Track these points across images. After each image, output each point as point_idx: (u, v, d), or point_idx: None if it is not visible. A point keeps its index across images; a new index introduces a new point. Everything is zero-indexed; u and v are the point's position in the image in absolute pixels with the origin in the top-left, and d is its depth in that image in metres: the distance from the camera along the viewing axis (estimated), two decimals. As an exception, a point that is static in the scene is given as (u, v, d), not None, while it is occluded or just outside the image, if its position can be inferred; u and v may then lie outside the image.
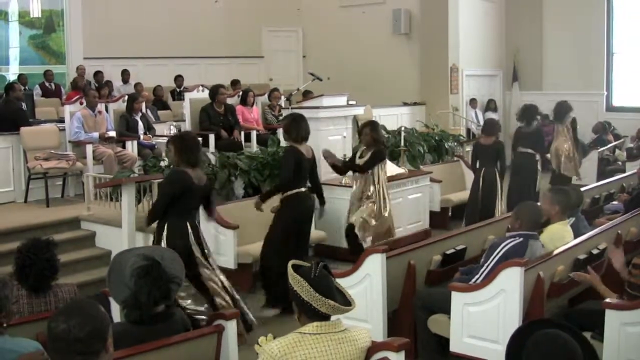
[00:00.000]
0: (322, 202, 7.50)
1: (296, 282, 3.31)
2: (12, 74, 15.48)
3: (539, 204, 6.12)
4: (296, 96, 12.06)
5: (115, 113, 10.92)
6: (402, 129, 10.79)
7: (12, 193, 9.96)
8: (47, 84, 14.76)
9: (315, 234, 8.44)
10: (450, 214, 10.75)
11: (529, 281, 5.03)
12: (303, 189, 7.09)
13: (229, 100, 11.97)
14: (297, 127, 7.10)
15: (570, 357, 2.90)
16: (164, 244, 5.78)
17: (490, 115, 16.57)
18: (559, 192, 6.27)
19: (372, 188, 8.03)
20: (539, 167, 10.11)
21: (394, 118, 15.02)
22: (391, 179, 9.32)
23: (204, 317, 5.45)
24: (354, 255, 7.51)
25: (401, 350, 3.64)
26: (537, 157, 10.10)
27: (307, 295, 3.28)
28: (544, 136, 10.78)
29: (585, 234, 6.12)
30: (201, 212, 6.38)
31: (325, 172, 9.04)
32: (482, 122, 15.64)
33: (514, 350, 3.12)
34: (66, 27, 15.78)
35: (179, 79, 15.77)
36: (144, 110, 11.31)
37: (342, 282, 4.03)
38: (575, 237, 5.97)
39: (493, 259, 5.29)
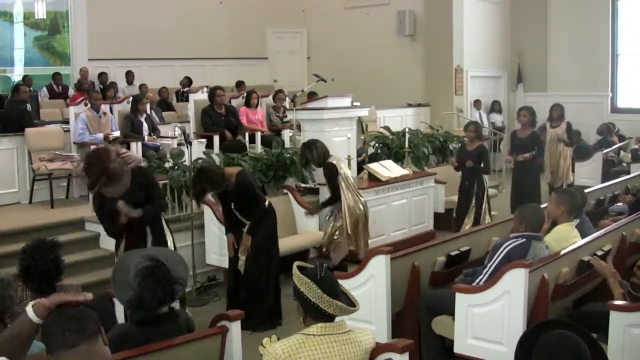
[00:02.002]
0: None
1: (303, 283, 3.31)
2: (16, 75, 15.51)
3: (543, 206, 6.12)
4: (300, 97, 12.06)
5: (120, 114, 10.93)
6: (407, 130, 10.79)
7: (17, 194, 9.97)
8: (55, 86, 14.80)
9: (317, 235, 8.43)
10: (454, 215, 10.73)
11: (533, 283, 5.02)
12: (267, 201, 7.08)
13: (234, 102, 12.02)
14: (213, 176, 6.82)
15: (579, 357, 2.90)
16: None
17: (495, 116, 16.59)
18: (564, 193, 6.28)
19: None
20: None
21: (398, 119, 15.04)
22: (395, 180, 9.34)
23: None
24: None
25: (405, 352, 3.64)
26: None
27: (314, 296, 3.28)
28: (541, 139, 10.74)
29: (590, 236, 6.11)
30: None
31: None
32: (486, 124, 15.70)
33: (523, 350, 3.11)
34: (71, 28, 15.82)
35: (185, 80, 15.80)
36: (148, 111, 11.32)
37: (346, 284, 4.04)
38: (581, 238, 5.96)
39: (495, 260, 5.29)
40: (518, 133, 10.39)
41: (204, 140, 10.63)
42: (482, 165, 9.34)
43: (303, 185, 9.53)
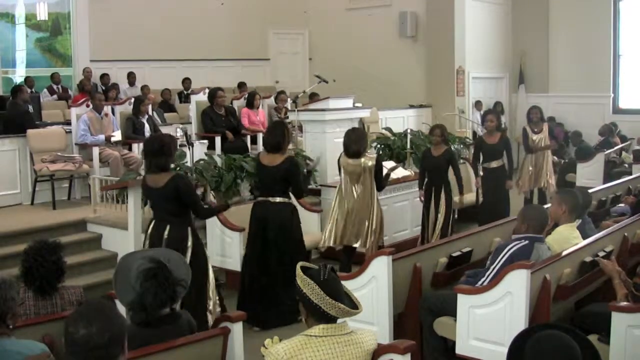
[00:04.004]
0: None
1: (306, 284, 3.31)
2: (18, 77, 15.51)
3: (547, 206, 6.11)
4: (302, 98, 12.05)
5: (122, 115, 10.94)
6: (408, 131, 10.78)
7: (19, 195, 9.98)
8: (54, 87, 14.79)
9: (320, 236, 8.43)
10: (456, 216, 10.70)
11: (535, 283, 5.02)
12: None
13: (236, 103, 12.03)
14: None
15: (568, 356, 2.91)
16: None
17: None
18: (567, 193, 6.28)
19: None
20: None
21: (399, 120, 15.04)
22: (397, 181, 9.32)
23: None
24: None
25: (407, 353, 3.64)
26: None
27: (316, 298, 3.28)
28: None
29: (592, 237, 6.10)
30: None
31: (330, 174, 9.08)
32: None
33: (515, 352, 3.12)
34: (73, 29, 15.83)
35: (186, 81, 15.79)
36: (150, 112, 11.34)
37: (348, 285, 4.03)
38: (582, 239, 5.95)
39: (499, 261, 5.27)
40: (485, 139, 9.90)
41: (205, 141, 10.63)
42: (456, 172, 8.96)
43: (305, 186, 9.53)
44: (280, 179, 6.95)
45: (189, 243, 6.09)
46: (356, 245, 7.80)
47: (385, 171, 8.01)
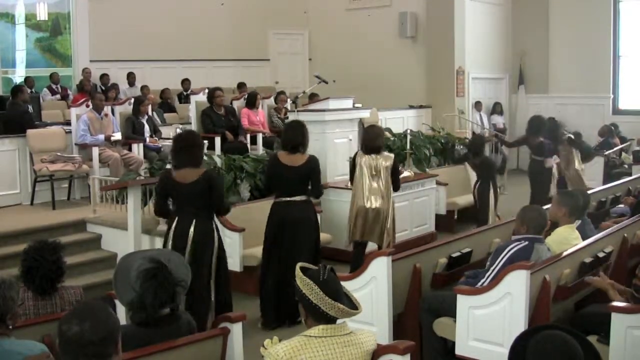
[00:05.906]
0: None
1: (305, 284, 3.31)
2: (18, 77, 15.51)
3: (545, 207, 6.11)
4: (302, 99, 12.04)
5: (122, 116, 10.94)
6: (408, 131, 10.79)
7: (19, 195, 9.99)
8: (53, 87, 14.79)
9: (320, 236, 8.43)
10: (456, 217, 10.73)
11: (535, 284, 5.01)
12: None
13: (236, 103, 12.01)
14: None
15: (569, 356, 2.91)
16: None
17: (497, 118, 16.57)
18: (566, 194, 6.28)
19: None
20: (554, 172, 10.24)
21: (399, 121, 15.04)
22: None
23: None
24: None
25: (407, 354, 3.64)
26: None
27: (316, 298, 3.28)
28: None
29: (592, 237, 6.10)
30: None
31: (331, 174, 9.07)
32: (487, 126, 15.69)
33: (517, 353, 3.13)
34: (72, 29, 15.82)
35: (186, 82, 15.79)
36: (150, 113, 11.34)
37: (348, 285, 4.02)
38: (582, 240, 5.95)
39: (499, 262, 5.27)
40: None
41: (205, 141, 10.61)
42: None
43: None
44: (304, 178, 6.91)
45: (216, 237, 6.10)
46: (374, 243, 7.82)
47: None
